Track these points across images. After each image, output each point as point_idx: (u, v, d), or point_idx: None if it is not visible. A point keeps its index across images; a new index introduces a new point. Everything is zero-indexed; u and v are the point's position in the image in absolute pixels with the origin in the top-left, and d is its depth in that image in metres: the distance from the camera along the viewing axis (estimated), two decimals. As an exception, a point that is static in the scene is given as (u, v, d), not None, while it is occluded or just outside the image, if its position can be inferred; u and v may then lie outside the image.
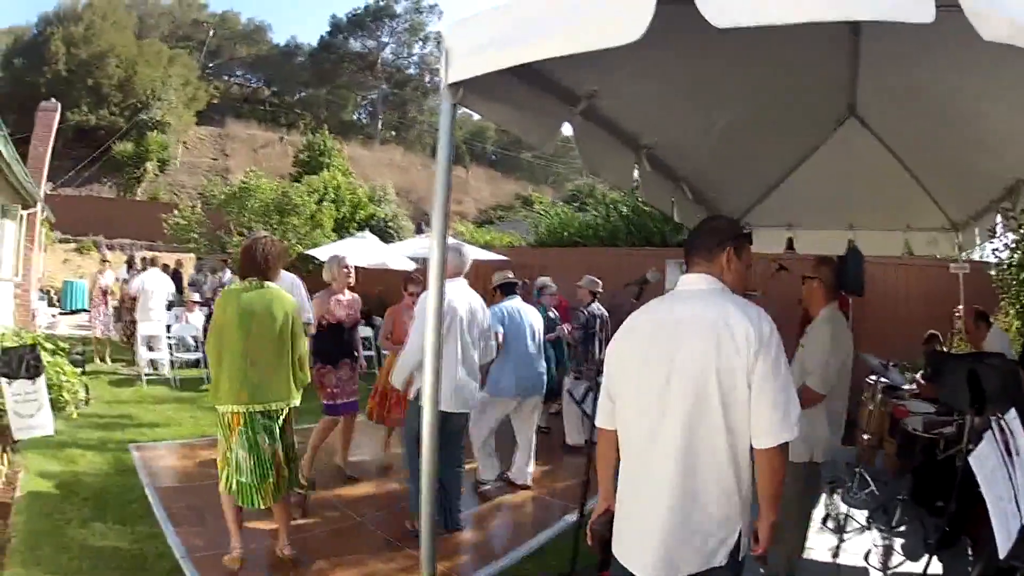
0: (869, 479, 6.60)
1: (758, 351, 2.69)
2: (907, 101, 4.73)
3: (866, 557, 5.62)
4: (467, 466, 6.96)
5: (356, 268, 7.58)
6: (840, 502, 6.28)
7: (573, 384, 9.11)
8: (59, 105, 19.15)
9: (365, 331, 11.89)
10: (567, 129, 4.12)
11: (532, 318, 7.68)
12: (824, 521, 5.99)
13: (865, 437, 7.37)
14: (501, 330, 7.08)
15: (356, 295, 7.43)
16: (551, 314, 9.83)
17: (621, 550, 2.98)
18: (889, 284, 10.71)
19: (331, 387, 7.01)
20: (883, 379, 7.36)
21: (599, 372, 4.76)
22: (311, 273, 20.76)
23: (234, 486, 5.06)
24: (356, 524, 6.46)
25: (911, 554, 5.70)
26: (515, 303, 7.64)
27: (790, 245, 7.71)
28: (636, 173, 5.23)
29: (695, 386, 2.75)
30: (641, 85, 4.10)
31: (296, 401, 5.19)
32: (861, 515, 6.17)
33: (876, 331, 10.01)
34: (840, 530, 5.95)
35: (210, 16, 63.22)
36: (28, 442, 7.60)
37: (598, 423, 3.21)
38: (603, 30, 2.59)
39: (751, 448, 2.75)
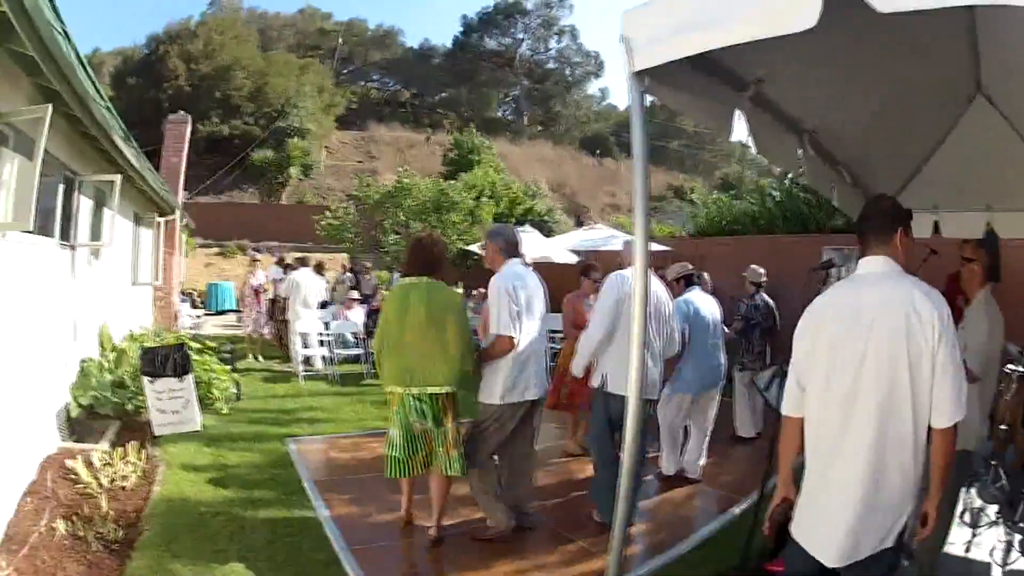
0: (1003, 473, 6.31)
1: (942, 333, 2.76)
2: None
3: (991, 552, 5.40)
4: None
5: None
6: (975, 495, 6.03)
7: (757, 375, 8.96)
8: (189, 117, 19.71)
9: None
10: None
11: (712, 310, 7.61)
12: (961, 515, 5.78)
13: (1002, 428, 7.04)
14: (687, 326, 7.02)
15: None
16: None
17: (802, 535, 3.07)
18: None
19: None
20: (1021, 368, 6.98)
21: (785, 361, 4.78)
22: (470, 269, 21.19)
23: (388, 460, 5.49)
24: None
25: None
26: (695, 295, 7.58)
27: (936, 229, 7.45)
28: (800, 158, 5.15)
29: (888, 370, 2.81)
30: (801, 69, 4.08)
31: (449, 388, 5.42)
32: (993, 509, 5.92)
33: (1013, 317, 9.44)
34: (974, 524, 5.73)
35: (336, 24, 65.29)
36: (174, 437, 7.87)
37: (785, 411, 3.23)
38: (781, 17, 2.63)
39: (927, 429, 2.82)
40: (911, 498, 2.87)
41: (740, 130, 4.07)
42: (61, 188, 7.66)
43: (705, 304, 7.56)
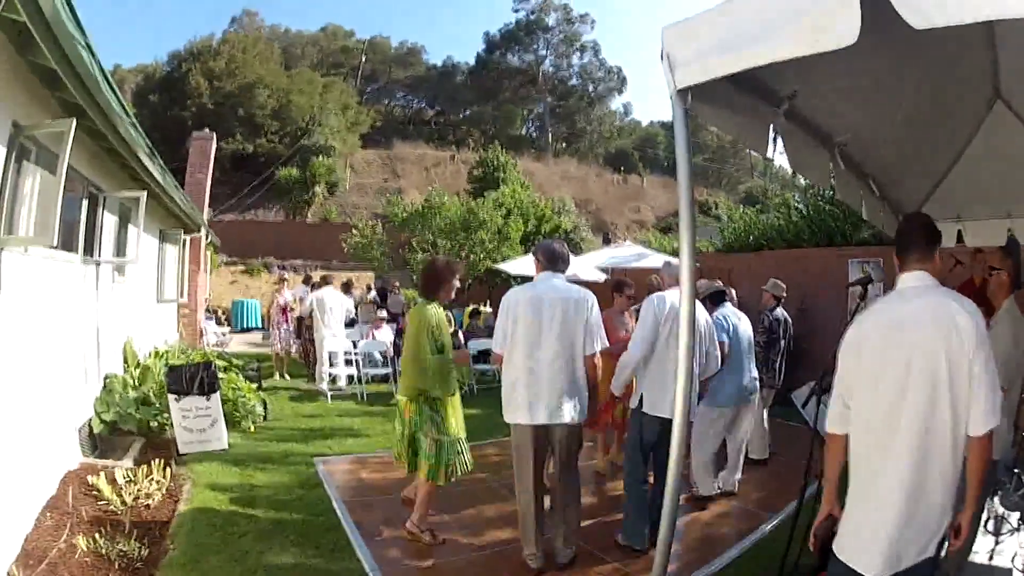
0: None
1: (979, 343, 2.86)
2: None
3: (1012, 559, 5.33)
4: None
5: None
6: (997, 503, 5.94)
7: (796, 392, 8.85)
8: (214, 134, 19.92)
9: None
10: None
11: (745, 325, 7.56)
12: (985, 523, 5.70)
13: None
14: (727, 340, 6.98)
15: None
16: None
17: (845, 549, 3.10)
18: None
19: None
20: None
21: (825, 374, 4.69)
22: (497, 287, 21.15)
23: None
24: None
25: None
26: (729, 310, 7.53)
27: (960, 238, 7.40)
28: (832, 171, 5.15)
29: (931, 383, 2.88)
30: (833, 83, 4.07)
31: (402, 397, 6.06)
32: (1015, 517, 5.84)
33: None
34: (996, 532, 5.64)
35: (358, 42, 65.94)
36: (200, 456, 7.80)
37: (829, 428, 3.29)
38: (823, 34, 2.64)
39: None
40: (951, 508, 2.95)
41: (776, 145, 4.12)
42: (85, 204, 7.69)
43: (741, 320, 7.53)
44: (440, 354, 5.87)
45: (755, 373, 7.56)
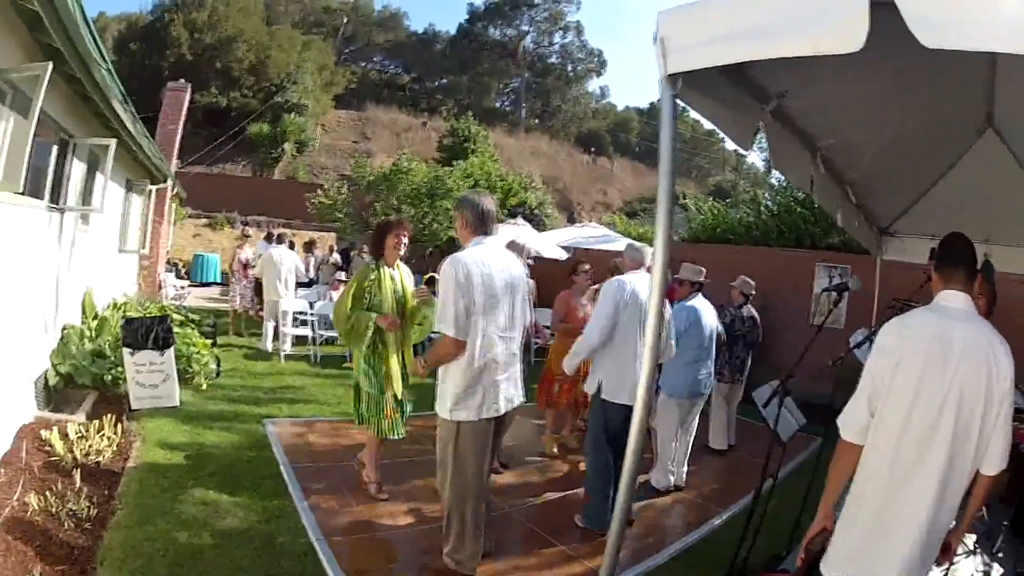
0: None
1: (1011, 388, 2.85)
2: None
3: None
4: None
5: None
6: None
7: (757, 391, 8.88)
8: (189, 85, 19.70)
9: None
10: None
11: (712, 319, 7.58)
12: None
13: None
14: (682, 331, 6.92)
15: (531, 281, 7.49)
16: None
17: (849, 568, 3.03)
18: (1015, 301, 10.03)
19: None
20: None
21: (788, 378, 4.70)
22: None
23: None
24: (503, 515, 6.19)
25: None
26: (699, 302, 7.51)
27: (932, 255, 7.46)
28: (812, 174, 5.13)
29: (969, 413, 2.85)
30: (824, 87, 4.06)
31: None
32: (971, 539, 5.96)
33: None
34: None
35: (342, 3, 64.97)
36: (151, 412, 7.76)
37: (847, 436, 3.11)
38: (829, 36, 2.58)
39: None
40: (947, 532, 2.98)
41: (758, 142, 4.13)
42: (55, 150, 7.53)
43: (707, 312, 7.52)
44: (366, 311, 5.95)
45: (711, 369, 7.56)
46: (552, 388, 7.99)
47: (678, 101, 3.22)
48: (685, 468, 7.51)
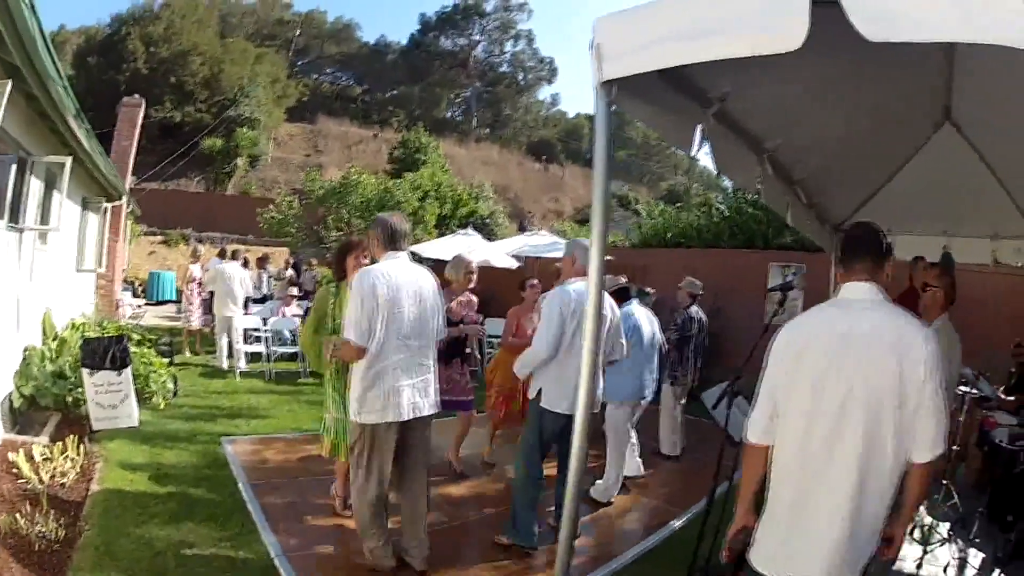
0: (954, 492, 6.53)
1: (932, 370, 2.74)
2: (1000, 107, 4.50)
3: (944, 569, 5.57)
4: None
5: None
6: (925, 514, 6.21)
7: (706, 393, 8.92)
8: (143, 100, 19.42)
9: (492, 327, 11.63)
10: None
11: (648, 325, 7.61)
12: (911, 532, 5.93)
13: (955, 448, 7.28)
14: (624, 341, 6.66)
15: (472, 296, 7.54)
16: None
17: (773, 566, 3.00)
18: (975, 292, 10.36)
19: (441, 384, 6.05)
20: (974, 390, 7.19)
21: (737, 378, 4.77)
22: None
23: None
24: (462, 525, 6.42)
25: (985, 568, 5.67)
26: (634, 308, 7.56)
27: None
28: (759, 175, 5.17)
29: (878, 403, 2.77)
30: (768, 88, 4.05)
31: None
32: (945, 527, 6.10)
33: (965, 341, 9.69)
34: (924, 542, 5.90)
35: (295, 15, 64.57)
36: (111, 433, 7.71)
37: (752, 438, 3.09)
38: (766, 37, 2.61)
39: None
40: (882, 528, 2.88)
41: (702, 146, 4.07)
42: (13, 168, 7.47)
43: (644, 318, 7.60)
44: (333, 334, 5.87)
45: (655, 374, 7.65)
46: (489, 399, 8.01)
47: (616, 108, 3.27)
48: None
